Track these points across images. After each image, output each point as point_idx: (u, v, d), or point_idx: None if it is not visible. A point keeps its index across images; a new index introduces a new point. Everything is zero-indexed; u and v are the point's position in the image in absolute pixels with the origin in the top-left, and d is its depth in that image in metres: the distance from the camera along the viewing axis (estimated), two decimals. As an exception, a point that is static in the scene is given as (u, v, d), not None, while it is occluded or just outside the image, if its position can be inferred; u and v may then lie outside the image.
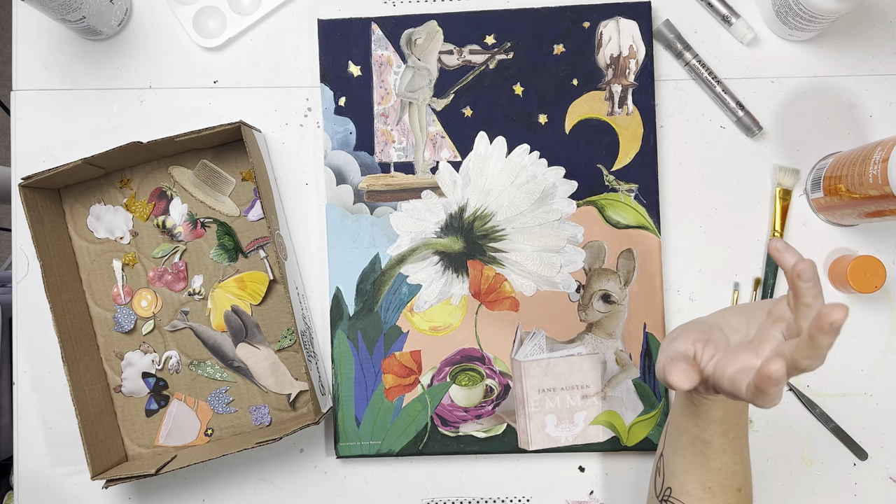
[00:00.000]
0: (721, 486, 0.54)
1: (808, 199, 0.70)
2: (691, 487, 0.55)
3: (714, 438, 0.53)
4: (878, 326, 0.69)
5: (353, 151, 0.70)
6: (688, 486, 0.55)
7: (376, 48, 0.70)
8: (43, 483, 0.71)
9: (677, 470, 0.56)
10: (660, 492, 0.57)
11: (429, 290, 0.69)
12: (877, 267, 0.65)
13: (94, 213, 0.71)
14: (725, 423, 0.52)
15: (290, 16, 0.72)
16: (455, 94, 0.70)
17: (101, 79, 0.72)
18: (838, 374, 0.69)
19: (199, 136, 0.65)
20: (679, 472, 0.56)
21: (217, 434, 0.71)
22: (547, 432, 0.68)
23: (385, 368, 0.69)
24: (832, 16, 0.63)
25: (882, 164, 0.57)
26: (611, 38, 0.69)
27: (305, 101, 0.72)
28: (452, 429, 0.69)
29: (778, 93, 0.70)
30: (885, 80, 0.70)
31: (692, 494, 0.55)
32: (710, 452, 0.53)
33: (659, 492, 0.58)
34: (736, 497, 0.55)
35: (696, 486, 0.55)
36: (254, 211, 0.71)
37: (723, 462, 0.54)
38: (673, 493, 0.56)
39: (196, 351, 0.71)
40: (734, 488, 0.55)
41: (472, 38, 0.70)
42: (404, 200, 0.69)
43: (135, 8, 0.72)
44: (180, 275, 0.71)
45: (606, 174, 0.69)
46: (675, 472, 0.56)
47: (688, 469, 0.55)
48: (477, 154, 0.69)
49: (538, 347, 0.69)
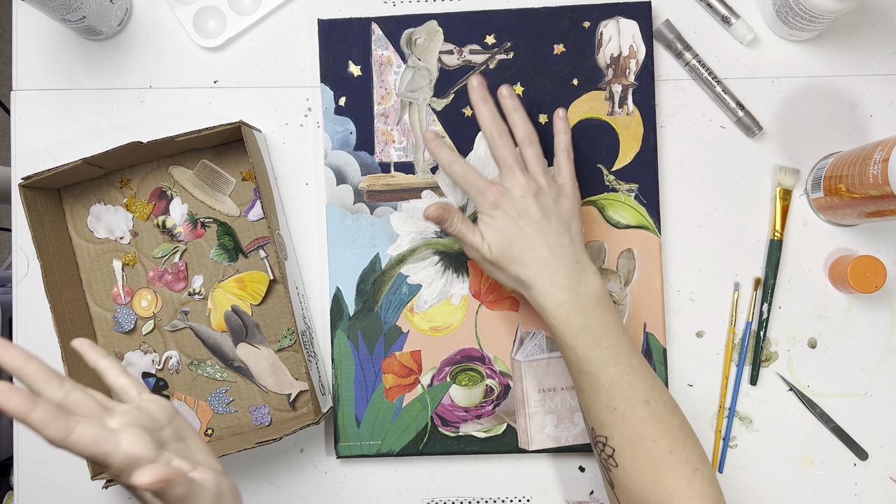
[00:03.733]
0: (625, 400, 0.56)
1: (809, 199, 0.70)
2: (602, 416, 0.56)
3: (589, 352, 0.56)
4: (879, 326, 0.69)
5: (354, 151, 0.70)
6: (600, 418, 0.57)
7: (376, 48, 0.70)
8: (43, 483, 0.71)
9: (586, 404, 0.58)
10: (591, 439, 0.59)
11: (429, 290, 0.69)
12: (877, 267, 0.65)
13: (94, 213, 0.71)
14: (589, 334, 0.56)
15: (290, 16, 0.72)
16: (455, 94, 0.70)
17: (101, 79, 0.72)
18: (838, 374, 0.69)
19: (199, 136, 0.65)
20: (587, 406, 0.58)
21: (217, 434, 0.71)
22: (547, 432, 0.68)
23: (385, 368, 0.69)
24: (832, 16, 0.63)
25: (882, 164, 0.57)
26: (611, 37, 0.69)
27: (305, 101, 0.72)
28: (452, 429, 0.69)
29: (778, 93, 0.70)
30: (885, 80, 0.70)
31: (606, 423, 0.56)
32: (593, 370, 0.56)
33: (591, 440, 0.59)
34: (646, 409, 0.55)
35: (605, 412, 0.56)
36: (254, 211, 0.71)
37: (611, 375, 0.56)
38: (596, 431, 0.57)
39: (196, 351, 0.71)
40: (641, 400, 0.56)
41: (473, 38, 0.70)
42: (404, 200, 0.69)
43: (135, 8, 0.72)
44: (180, 275, 0.71)
45: (606, 174, 0.69)
46: (588, 409, 0.58)
47: (591, 400, 0.57)
48: (477, 154, 0.69)
49: (538, 347, 0.69)
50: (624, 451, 0.56)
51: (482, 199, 0.59)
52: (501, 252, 0.59)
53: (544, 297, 0.58)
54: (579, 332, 0.56)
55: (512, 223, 0.59)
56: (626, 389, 0.56)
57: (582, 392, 0.58)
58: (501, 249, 0.59)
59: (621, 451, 0.56)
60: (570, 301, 0.57)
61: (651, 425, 0.55)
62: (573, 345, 0.57)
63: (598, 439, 0.57)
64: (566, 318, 0.57)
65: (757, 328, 0.69)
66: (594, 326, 0.57)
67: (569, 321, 0.57)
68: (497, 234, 0.59)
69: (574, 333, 0.57)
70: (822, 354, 0.69)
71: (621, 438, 0.56)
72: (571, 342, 0.57)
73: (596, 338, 0.56)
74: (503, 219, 0.59)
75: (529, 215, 0.59)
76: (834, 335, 0.69)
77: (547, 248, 0.58)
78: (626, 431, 0.55)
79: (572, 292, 0.57)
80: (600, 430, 0.57)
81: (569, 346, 0.57)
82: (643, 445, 0.55)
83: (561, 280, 0.58)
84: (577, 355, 0.57)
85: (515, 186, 0.59)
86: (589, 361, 0.56)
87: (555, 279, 0.58)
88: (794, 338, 0.69)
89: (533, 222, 0.59)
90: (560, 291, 0.57)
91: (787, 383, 0.69)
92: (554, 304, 0.57)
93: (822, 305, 0.69)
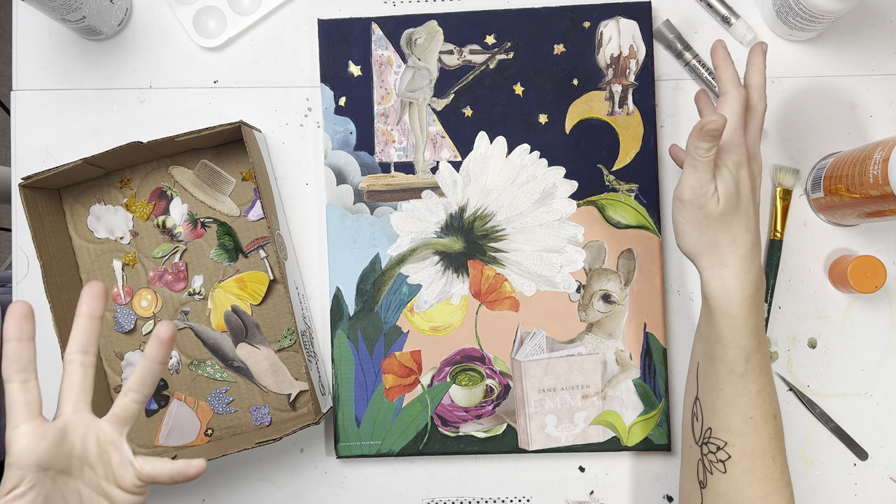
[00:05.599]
0: (762, 412, 0.53)
1: (809, 199, 0.70)
2: (733, 422, 0.54)
3: (752, 355, 0.52)
4: (878, 326, 0.69)
5: (354, 151, 0.70)
6: (729, 421, 0.54)
7: (376, 48, 0.70)
8: (43, 483, 0.71)
9: (717, 406, 0.54)
10: (699, 436, 0.56)
11: (429, 290, 0.69)
12: (877, 267, 0.65)
13: (94, 213, 0.71)
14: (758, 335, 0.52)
15: (290, 16, 0.72)
16: (455, 93, 0.70)
17: (101, 79, 0.72)
18: (838, 374, 0.69)
19: (199, 136, 0.65)
20: (719, 408, 0.54)
21: (217, 434, 0.71)
22: (547, 432, 0.68)
23: (385, 368, 0.69)
24: (832, 16, 0.63)
25: (882, 164, 0.57)
26: (611, 37, 0.69)
27: (305, 101, 0.72)
28: (452, 429, 0.69)
29: (778, 93, 0.70)
30: (885, 80, 0.70)
31: (734, 430, 0.54)
32: (748, 373, 0.53)
33: (698, 437, 0.56)
34: (774, 425, 0.54)
35: (738, 419, 0.53)
36: (254, 211, 0.71)
37: (760, 383, 0.53)
38: (714, 433, 0.55)
39: (196, 351, 0.71)
40: (772, 414, 0.54)
41: (473, 38, 0.70)
42: (404, 200, 0.69)
43: (135, 8, 0.72)
44: (180, 275, 0.71)
45: (607, 174, 0.69)
46: (715, 409, 0.54)
47: (727, 401, 0.54)
48: (477, 154, 0.69)
49: (538, 347, 0.69)
50: (741, 462, 0.53)
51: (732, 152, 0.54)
52: (725, 210, 0.53)
53: (734, 281, 0.53)
54: (752, 331, 0.52)
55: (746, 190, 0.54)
56: (766, 400, 0.54)
57: (718, 392, 0.54)
58: (727, 208, 0.53)
59: (737, 461, 0.53)
60: (753, 295, 0.52)
61: (775, 442, 0.54)
62: (742, 343, 0.52)
63: (714, 442, 0.54)
64: (747, 312, 0.52)
65: (757, 328, 0.69)
66: (762, 329, 0.53)
67: (748, 316, 0.52)
68: (729, 191, 0.53)
69: (748, 331, 0.52)
70: (822, 354, 0.69)
71: (744, 449, 0.53)
72: (742, 339, 0.52)
73: (761, 341, 0.53)
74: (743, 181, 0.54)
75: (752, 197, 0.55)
76: (834, 335, 0.69)
77: (753, 235, 0.54)
78: (752, 443, 0.53)
79: (757, 286, 0.53)
80: (722, 434, 0.54)
81: (735, 344, 0.52)
82: (763, 461, 0.53)
83: (755, 270, 0.53)
84: (740, 355, 0.52)
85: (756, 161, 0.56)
86: (749, 363, 0.53)
87: (752, 267, 0.53)
88: (794, 338, 0.69)
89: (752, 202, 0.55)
90: (751, 281, 0.53)
91: (787, 383, 0.69)
92: (742, 292, 0.52)
93: (822, 305, 0.69)
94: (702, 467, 0.56)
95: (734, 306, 0.52)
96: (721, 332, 0.53)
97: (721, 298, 0.53)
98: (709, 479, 0.55)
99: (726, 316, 0.53)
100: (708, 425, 0.55)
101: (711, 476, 0.55)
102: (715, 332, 0.53)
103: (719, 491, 0.54)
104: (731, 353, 0.53)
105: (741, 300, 0.52)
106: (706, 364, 0.56)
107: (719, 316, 0.53)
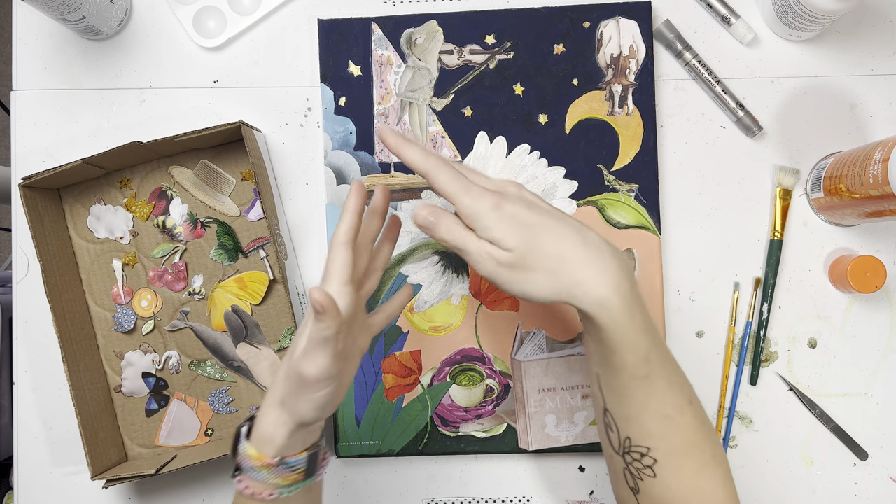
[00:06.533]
0: (676, 406, 0.50)
1: (809, 199, 0.70)
2: (650, 426, 0.50)
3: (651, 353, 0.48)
4: (878, 326, 0.69)
5: (354, 151, 0.70)
6: (646, 427, 0.50)
7: (376, 48, 0.70)
8: (43, 483, 0.71)
9: (629, 414, 0.50)
10: (619, 446, 0.52)
11: (429, 290, 0.69)
12: (877, 267, 0.65)
13: (94, 213, 0.71)
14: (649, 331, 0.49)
15: (290, 16, 0.72)
16: (455, 93, 0.70)
17: (101, 78, 0.72)
18: (838, 374, 0.69)
19: (199, 136, 0.65)
20: (633, 416, 0.50)
21: (217, 434, 0.71)
22: (547, 432, 0.68)
23: (385, 368, 0.69)
24: (832, 16, 0.63)
25: (882, 163, 0.57)
26: (611, 37, 0.69)
27: (305, 101, 0.72)
28: (452, 429, 0.69)
29: (778, 93, 0.70)
30: (885, 80, 0.70)
31: (653, 433, 0.50)
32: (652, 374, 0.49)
33: (618, 447, 0.52)
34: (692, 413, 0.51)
35: (654, 422, 0.50)
36: (254, 211, 0.71)
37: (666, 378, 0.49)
38: (633, 441, 0.51)
39: (196, 351, 0.71)
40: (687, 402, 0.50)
41: (473, 38, 0.70)
42: (404, 200, 0.69)
43: (135, 8, 0.72)
44: (180, 275, 0.71)
45: (606, 174, 0.69)
46: (629, 418, 0.51)
47: (639, 408, 0.50)
48: (477, 154, 0.69)
49: (538, 347, 0.69)
50: (668, 462, 0.50)
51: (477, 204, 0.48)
52: (526, 247, 0.48)
53: (602, 288, 0.47)
54: (643, 331, 0.48)
55: (526, 213, 0.48)
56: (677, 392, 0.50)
57: (628, 401, 0.50)
58: (524, 243, 0.47)
59: (665, 462, 0.50)
60: (630, 292, 0.48)
61: (699, 431, 0.50)
62: (637, 346, 0.48)
63: (636, 450, 0.51)
64: (630, 314, 0.47)
65: (757, 328, 0.69)
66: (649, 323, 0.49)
67: (633, 317, 0.47)
68: (509, 229, 0.48)
69: (639, 332, 0.48)
70: (822, 354, 0.69)
71: (668, 448, 0.50)
72: (636, 342, 0.48)
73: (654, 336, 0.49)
74: (512, 213, 0.48)
75: (539, 204, 0.50)
76: (834, 335, 0.69)
77: (578, 233, 0.48)
78: (675, 440, 0.50)
79: (629, 282, 0.48)
80: (642, 440, 0.50)
81: (630, 348, 0.48)
82: (690, 454, 0.50)
83: (615, 268, 0.48)
84: (638, 358, 0.48)
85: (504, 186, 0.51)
86: (650, 364, 0.49)
87: (609, 267, 0.48)
88: (794, 338, 0.69)
89: (546, 211, 0.50)
90: (620, 282, 0.47)
91: (787, 383, 0.69)
92: (618, 297, 0.47)
93: (822, 305, 0.69)
94: (629, 475, 0.52)
95: (615, 313, 0.47)
96: (612, 342, 0.48)
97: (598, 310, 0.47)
98: (640, 485, 0.52)
99: (611, 324, 0.47)
100: (625, 434, 0.51)
101: (642, 482, 0.51)
102: (606, 344, 0.49)
103: (654, 494, 0.51)
104: (629, 357, 0.48)
105: (619, 304, 0.47)
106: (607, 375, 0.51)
107: (604, 327, 0.48)
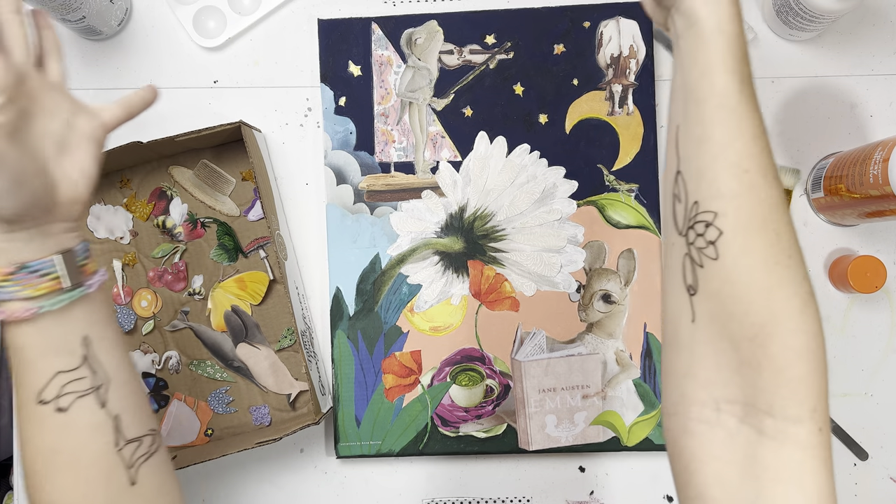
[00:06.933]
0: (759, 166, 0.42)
1: (809, 199, 0.70)
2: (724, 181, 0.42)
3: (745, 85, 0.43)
4: (878, 326, 0.69)
5: (354, 151, 0.70)
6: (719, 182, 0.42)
7: (376, 48, 0.70)
8: (43, 483, 0.71)
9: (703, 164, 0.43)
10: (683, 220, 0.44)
11: (429, 290, 0.69)
12: (877, 267, 0.65)
13: (94, 213, 0.71)
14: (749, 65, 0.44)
15: (290, 16, 0.72)
16: (455, 93, 0.70)
17: (101, 78, 0.72)
18: (838, 374, 0.69)
19: (199, 136, 0.65)
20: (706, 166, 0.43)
21: (217, 434, 0.71)
22: (547, 432, 0.68)
23: (385, 368, 0.69)
24: (833, 16, 0.63)
25: (882, 164, 0.57)
26: (611, 37, 0.69)
27: (305, 101, 0.72)
28: (452, 429, 0.69)
29: (778, 93, 0.70)
30: (885, 80, 0.70)
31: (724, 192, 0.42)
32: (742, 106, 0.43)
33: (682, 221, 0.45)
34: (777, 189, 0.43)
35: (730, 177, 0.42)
36: (254, 211, 0.71)
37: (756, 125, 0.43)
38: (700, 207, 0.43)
39: (196, 351, 0.71)
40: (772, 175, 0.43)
41: (473, 38, 0.70)
42: (404, 200, 0.69)
43: (135, 8, 0.72)
44: (180, 275, 0.71)
45: (607, 174, 0.69)
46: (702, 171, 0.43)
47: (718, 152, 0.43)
48: (477, 154, 0.69)
49: (538, 347, 0.69)
50: (736, 237, 0.42)
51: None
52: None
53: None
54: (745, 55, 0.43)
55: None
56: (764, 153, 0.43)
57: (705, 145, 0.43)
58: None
59: (732, 237, 0.42)
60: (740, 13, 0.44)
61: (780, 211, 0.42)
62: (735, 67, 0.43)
63: (702, 218, 0.43)
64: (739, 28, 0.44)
65: (757, 328, 0.69)
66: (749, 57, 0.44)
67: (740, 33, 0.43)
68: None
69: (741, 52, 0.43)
70: (822, 354, 0.69)
71: (738, 218, 0.42)
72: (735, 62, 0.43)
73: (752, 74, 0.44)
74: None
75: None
76: (834, 335, 0.69)
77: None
78: (749, 209, 0.42)
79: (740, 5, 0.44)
80: (711, 202, 0.43)
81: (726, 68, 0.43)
82: (763, 236, 0.42)
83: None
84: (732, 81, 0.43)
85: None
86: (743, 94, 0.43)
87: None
88: (794, 338, 0.69)
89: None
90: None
91: (787, 383, 0.69)
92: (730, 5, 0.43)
93: (822, 305, 0.69)
94: (689, 264, 0.44)
95: (725, 20, 0.43)
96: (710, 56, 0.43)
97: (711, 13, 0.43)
98: (699, 279, 0.43)
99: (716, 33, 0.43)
100: (693, 199, 0.43)
101: (702, 271, 0.43)
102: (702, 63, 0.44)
103: (713, 290, 0.42)
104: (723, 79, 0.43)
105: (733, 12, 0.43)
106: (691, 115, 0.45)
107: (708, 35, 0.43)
